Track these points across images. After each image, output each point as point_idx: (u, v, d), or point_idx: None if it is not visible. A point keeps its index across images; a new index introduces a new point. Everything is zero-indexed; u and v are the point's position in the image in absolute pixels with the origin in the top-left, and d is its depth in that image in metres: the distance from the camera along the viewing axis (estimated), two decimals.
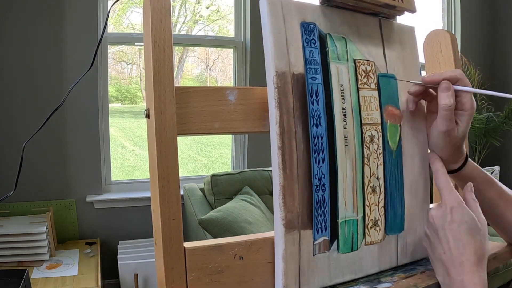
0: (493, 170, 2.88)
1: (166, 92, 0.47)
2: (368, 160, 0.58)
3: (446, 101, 0.54)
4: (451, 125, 0.56)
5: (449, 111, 0.55)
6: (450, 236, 0.52)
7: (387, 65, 0.61)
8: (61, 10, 2.32)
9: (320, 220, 0.53)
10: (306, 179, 0.52)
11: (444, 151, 0.59)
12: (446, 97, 0.54)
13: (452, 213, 0.53)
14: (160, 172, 0.46)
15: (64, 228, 2.42)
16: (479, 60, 3.33)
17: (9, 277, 1.13)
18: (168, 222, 0.46)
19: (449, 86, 0.55)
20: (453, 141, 0.58)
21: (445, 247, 0.53)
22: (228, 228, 1.90)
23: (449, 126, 0.56)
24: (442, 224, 0.53)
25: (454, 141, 0.58)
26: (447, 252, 0.53)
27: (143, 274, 2.30)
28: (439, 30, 0.75)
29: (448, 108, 0.54)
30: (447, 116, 0.55)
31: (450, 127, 0.56)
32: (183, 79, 3.66)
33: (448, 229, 0.53)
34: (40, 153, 2.33)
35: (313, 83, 0.53)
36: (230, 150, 2.99)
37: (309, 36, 0.54)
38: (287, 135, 0.51)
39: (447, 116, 0.55)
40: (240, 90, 0.53)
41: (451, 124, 0.56)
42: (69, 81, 2.34)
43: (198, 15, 3.11)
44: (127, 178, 3.87)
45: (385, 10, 0.60)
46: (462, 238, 0.52)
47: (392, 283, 0.56)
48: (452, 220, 0.53)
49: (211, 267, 0.49)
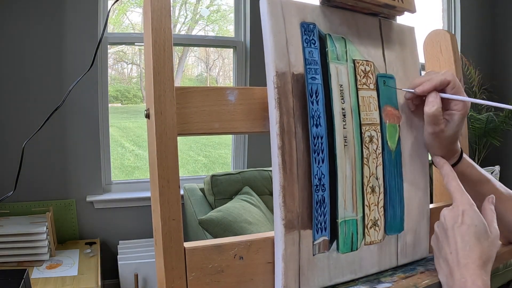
0: (493, 170, 2.88)
1: (166, 92, 0.47)
2: (367, 160, 0.58)
3: (428, 108, 0.57)
4: (436, 128, 0.58)
5: (433, 117, 0.57)
6: (459, 237, 0.53)
7: (386, 65, 0.61)
8: (61, 10, 2.32)
9: (320, 220, 0.53)
10: (306, 179, 0.52)
11: (436, 149, 0.61)
12: (429, 104, 0.57)
13: (463, 215, 0.54)
14: (160, 172, 0.46)
15: (64, 228, 2.42)
16: (479, 60, 3.33)
17: (9, 277, 1.13)
18: (168, 222, 0.47)
19: (435, 95, 0.57)
20: (443, 141, 0.60)
21: (452, 247, 0.54)
22: (228, 228, 1.90)
23: (435, 129, 0.58)
24: (453, 225, 0.54)
25: (444, 141, 0.60)
26: (453, 253, 0.53)
27: (143, 274, 2.30)
28: (439, 30, 0.75)
29: (431, 115, 0.57)
30: (431, 121, 0.58)
31: (436, 130, 0.58)
32: (183, 79, 3.66)
33: (457, 230, 0.54)
34: (40, 153, 2.33)
35: (313, 83, 0.53)
36: (230, 150, 2.99)
37: (309, 36, 0.54)
38: (287, 135, 0.51)
39: (432, 121, 0.58)
40: (240, 90, 0.53)
41: (437, 127, 0.58)
42: (69, 81, 2.34)
43: (198, 15, 3.11)
44: (127, 178, 3.87)
45: (385, 10, 0.60)
46: (470, 240, 0.53)
47: (392, 283, 0.57)
48: (462, 222, 0.54)
49: (211, 267, 0.49)
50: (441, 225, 0.56)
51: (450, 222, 0.55)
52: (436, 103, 0.57)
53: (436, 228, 0.57)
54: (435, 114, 0.57)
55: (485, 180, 0.64)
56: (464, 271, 0.51)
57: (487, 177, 0.64)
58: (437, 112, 0.57)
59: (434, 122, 0.57)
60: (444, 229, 0.55)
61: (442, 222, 0.56)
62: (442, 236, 0.55)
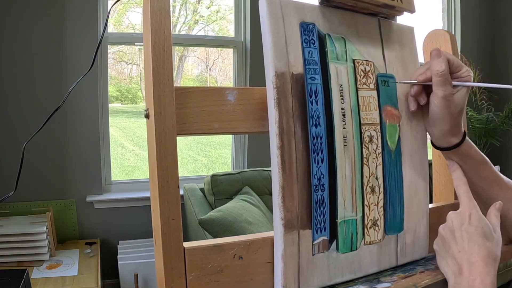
0: None
1: (166, 93, 0.47)
2: (367, 160, 0.58)
3: (437, 67, 0.57)
4: (447, 90, 0.57)
5: (443, 77, 0.57)
6: (466, 237, 0.55)
7: (386, 65, 0.61)
8: (61, 10, 2.32)
9: (319, 220, 0.53)
10: (305, 179, 0.52)
11: (444, 120, 0.60)
12: (437, 64, 0.57)
13: (471, 218, 0.56)
14: (159, 172, 0.46)
15: (64, 228, 2.42)
16: (479, 60, 3.33)
17: (9, 277, 1.13)
18: (168, 222, 0.47)
19: (439, 52, 0.57)
20: (453, 107, 0.58)
21: (459, 247, 0.55)
22: (228, 228, 1.90)
23: (446, 91, 0.57)
24: (460, 226, 0.56)
25: (454, 108, 0.59)
26: (461, 251, 0.54)
27: (143, 274, 2.30)
28: (439, 30, 0.75)
29: (441, 74, 0.56)
30: (442, 82, 0.57)
31: (447, 92, 0.57)
32: (183, 79, 3.66)
33: (465, 230, 0.55)
34: (40, 153, 2.33)
35: (312, 83, 0.53)
36: (230, 150, 2.99)
37: (308, 36, 0.54)
38: (286, 135, 0.51)
39: (442, 81, 0.57)
40: (239, 90, 0.53)
41: (448, 88, 0.57)
42: (69, 81, 2.34)
43: (198, 15, 3.11)
44: (127, 178, 3.86)
45: (384, 10, 0.60)
46: (477, 239, 0.54)
47: (392, 283, 0.57)
48: (469, 223, 0.55)
49: (210, 267, 0.49)
50: (448, 227, 0.57)
51: (457, 224, 0.56)
52: (444, 62, 0.56)
53: (442, 230, 0.58)
54: (445, 73, 0.56)
55: (486, 162, 0.64)
56: (473, 269, 0.53)
57: (487, 160, 0.64)
58: (446, 70, 0.56)
59: (444, 82, 0.57)
60: (451, 231, 0.56)
61: (450, 225, 0.57)
62: (449, 238, 0.56)
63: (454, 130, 0.61)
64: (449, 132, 0.61)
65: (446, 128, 0.60)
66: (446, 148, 0.62)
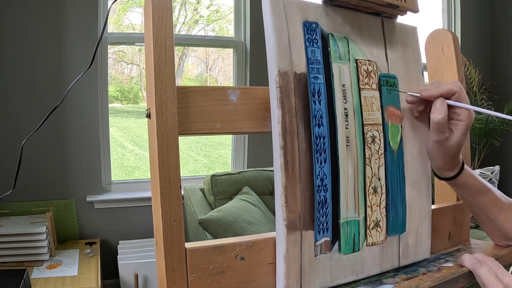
0: (493, 170, 2.87)
1: (168, 92, 0.46)
2: (369, 161, 0.57)
3: (434, 115, 0.57)
4: (442, 137, 0.58)
5: (439, 125, 0.57)
6: None
7: (389, 65, 0.61)
8: (61, 10, 2.32)
9: (322, 220, 0.53)
10: (308, 180, 0.52)
11: (438, 159, 0.61)
12: (436, 112, 0.57)
13: None
14: (161, 172, 0.46)
15: (64, 228, 2.42)
16: (479, 60, 3.33)
17: (9, 277, 1.13)
18: (169, 223, 0.46)
19: (442, 102, 0.57)
20: (447, 150, 0.60)
21: None
22: (228, 228, 1.90)
23: (440, 137, 0.58)
24: None
25: (448, 151, 0.60)
26: None
27: (143, 274, 2.30)
28: (441, 30, 0.74)
29: (437, 122, 0.57)
30: (437, 129, 0.58)
31: (441, 138, 0.58)
32: (183, 79, 3.66)
33: None
34: (40, 153, 2.33)
35: (315, 83, 0.53)
36: (230, 150, 2.99)
37: (311, 35, 0.54)
38: (289, 134, 0.50)
39: (437, 128, 0.58)
40: (241, 90, 0.52)
41: (442, 135, 0.58)
42: (69, 81, 2.33)
43: (198, 15, 3.11)
44: (127, 178, 3.86)
45: (388, 9, 0.60)
46: None
47: (394, 284, 0.56)
48: None
49: (212, 268, 0.49)
50: None
51: None
52: (443, 110, 0.57)
53: None
54: (442, 122, 0.57)
55: (486, 190, 0.65)
56: None
57: (488, 187, 0.65)
58: (443, 119, 0.57)
59: (440, 129, 0.57)
60: None
61: None
62: None
63: (450, 165, 0.62)
64: (444, 168, 0.62)
65: (440, 165, 0.62)
66: (443, 179, 0.64)
